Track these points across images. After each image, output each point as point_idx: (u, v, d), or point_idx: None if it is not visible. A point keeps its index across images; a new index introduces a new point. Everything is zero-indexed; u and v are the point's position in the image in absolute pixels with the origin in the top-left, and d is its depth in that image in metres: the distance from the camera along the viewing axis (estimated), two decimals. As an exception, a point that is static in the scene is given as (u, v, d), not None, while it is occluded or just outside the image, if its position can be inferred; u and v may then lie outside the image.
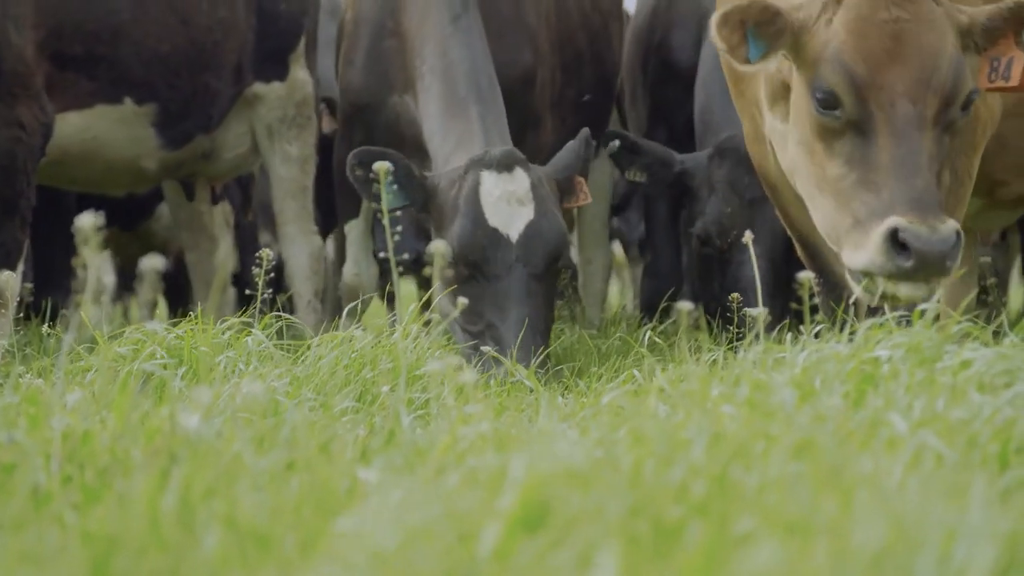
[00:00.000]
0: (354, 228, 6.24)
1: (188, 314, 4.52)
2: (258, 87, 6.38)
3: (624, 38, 7.04)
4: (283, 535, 2.52)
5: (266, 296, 4.73)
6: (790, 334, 3.88)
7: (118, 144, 5.98)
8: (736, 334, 4.77)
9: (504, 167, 5.18)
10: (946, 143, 4.05)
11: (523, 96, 5.94)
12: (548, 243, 5.18)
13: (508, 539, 2.37)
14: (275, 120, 6.43)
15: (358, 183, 5.27)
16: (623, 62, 7.00)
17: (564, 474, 2.49)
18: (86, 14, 5.73)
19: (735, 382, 3.39)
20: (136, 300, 8.74)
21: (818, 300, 4.64)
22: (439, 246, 4.02)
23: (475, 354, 4.98)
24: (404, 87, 5.76)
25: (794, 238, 4.84)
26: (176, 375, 4.11)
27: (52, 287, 6.95)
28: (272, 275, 4.87)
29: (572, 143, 5.49)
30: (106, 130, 5.91)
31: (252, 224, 8.08)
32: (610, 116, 7.00)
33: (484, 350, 4.95)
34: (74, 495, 2.80)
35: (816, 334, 3.74)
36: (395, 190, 5.20)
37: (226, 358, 4.27)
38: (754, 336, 3.75)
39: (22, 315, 6.05)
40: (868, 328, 3.49)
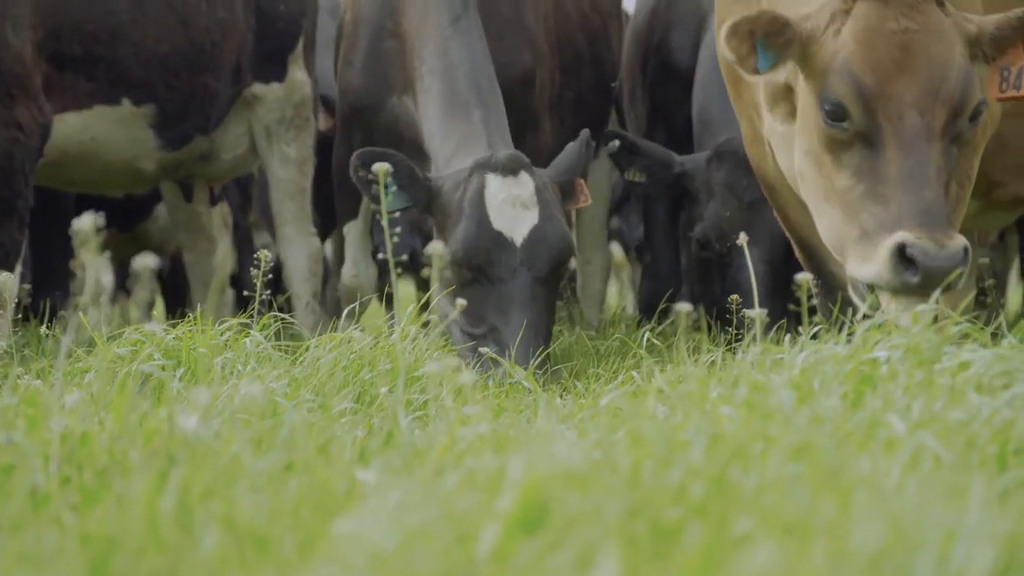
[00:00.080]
0: (353, 229, 6.23)
1: (186, 315, 4.52)
2: (257, 88, 6.37)
3: (623, 39, 7.04)
4: (281, 536, 2.52)
5: (264, 297, 4.73)
6: (788, 335, 3.88)
7: (116, 145, 5.97)
8: (735, 336, 4.77)
9: (509, 170, 5.17)
10: (954, 154, 4.04)
11: (522, 97, 5.93)
12: (552, 247, 5.17)
13: (506, 540, 2.37)
14: (273, 121, 6.43)
15: (361, 184, 5.25)
16: (622, 63, 6.99)
17: (562, 475, 2.49)
18: (84, 15, 5.73)
19: (733, 383, 3.39)
20: (132, 300, 8.74)
21: (816, 301, 4.64)
22: (437, 248, 4.02)
23: (473, 355, 4.98)
24: (403, 88, 5.75)
25: (792, 239, 4.84)
26: (174, 376, 4.11)
27: (50, 288, 6.94)
28: (270, 276, 4.87)
29: (572, 145, 5.48)
30: (104, 131, 5.90)
31: (246, 226, 8.07)
32: (609, 117, 6.99)
33: (483, 351, 4.95)
34: (72, 496, 2.80)
35: (814, 335, 3.74)
36: (397, 191, 5.19)
37: (224, 359, 4.27)
38: (752, 337, 3.75)
39: (20, 316, 6.05)
40: (866, 329, 3.49)
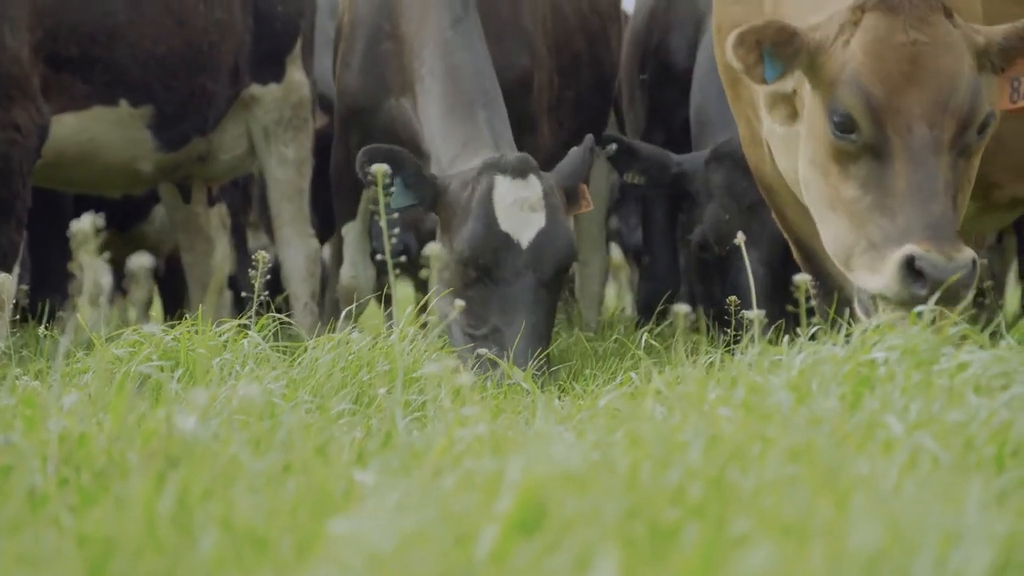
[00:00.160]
0: (351, 230, 6.23)
1: (184, 316, 4.52)
2: (255, 89, 6.37)
3: (622, 40, 7.03)
4: (279, 537, 2.52)
5: (263, 298, 4.73)
6: (786, 336, 3.88)
7: (114, 146, 5.97)
8: (733, 337, 4.77)
9: (519, 173, 5.17)
10: (961, 166, 4.04)
11: (520, 100, 5.92)
12: (558, 251, 5.17)
13: (505, 542, 2.37)
14: (271, 122, 6.42)
15: (366, 181, 5.24)
16: (621, 64, 6.99)
17: (561, 476, 2.49)
18: (82, 16, 5.72)
19: (732, 384, 3.39)
20: (129, 300, 8.73)
21: (814, 303, 4.64)
22: (435, 249, 4.01)
23: (472, 356, 4.97)
24: (401, 90, 5.74)
25: (790, 240, 4.84)
26: (173, 377, 4.11)
27: (49, 289, 6.94)
28: (268, 277, 4.87)
29: (576, 150, 5.47)
30: (102, 132, 5.90)
31: (242, 227, 8.06)
32: (608, 119, 6.99)
33: (481, 352, 4.95)
34: (71, 497, 2.80)
35: (812, 336, 3.74)
36: (403, 189, 5.19)
37: (222, 360, 4.26)
38: (751, 338, 3.75)
39: (18, 317, 6.05)
40: (864, 331, 3.49)
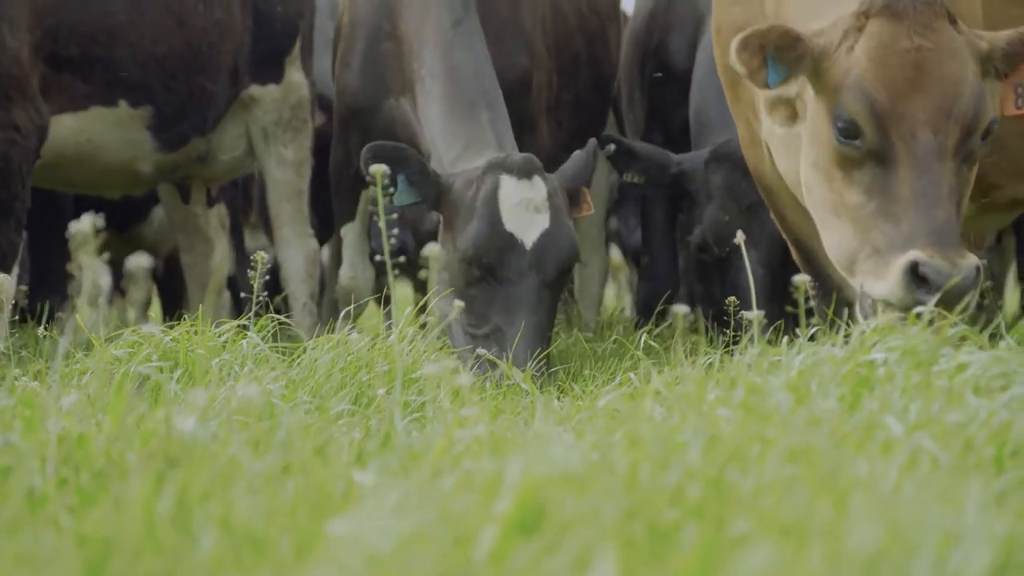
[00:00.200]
0: (350, 231, 6.23)
1: (183, 317, 4.51)
2: (254, 89, 6.37)
3: (621, 40, 7.03)
4: (278, 538, 2.52)
5: (262, 299, 4.72)
6: (786, 337, 3.88)
7: (113, 146, 5.97)
8: (732, 338, 4.77)
9: (524, 173, 5.17)
10: (965, 172, 4.04)
11: (519, 100, 5.92)
12: (561, 253, 5.17)
13: (504, 542, 2.37)
14: (270, 123, 6.42)
15: (370, 179, 5.24)
16: (621, 64, 6.99)
17: (560, 477, 2.49)
18: (82, 16, 5.72)
19: (731, 385, 3.39)
20: (128, 301, 8.73)
21: (813, 304, 4.64)
22: (434, 250, 4.01)
23: (471, 356, 4.97)
24: (401, 90, 5.74)
25: (789, 241, 4.84)
26: (172, 378, 4.11)
27: (48, 290, 6.94)
28: (267, 278, 4.86)
29: (579, 152, 5.47)
30: (101, 132, 5.90)
31: (239, 228, 8.06)
32: (607, 119, 6.99)
33: (481, 352, 4.95)
34: (70, 498, 2.80)
35: (812, 337, 3.74)
36: (407, 186, 5.19)
37: (222, 361, 4.26)
38: (750, 339, 3.75)
39: (17, 318, 6.04)
40: (863, 331, 3.49)
